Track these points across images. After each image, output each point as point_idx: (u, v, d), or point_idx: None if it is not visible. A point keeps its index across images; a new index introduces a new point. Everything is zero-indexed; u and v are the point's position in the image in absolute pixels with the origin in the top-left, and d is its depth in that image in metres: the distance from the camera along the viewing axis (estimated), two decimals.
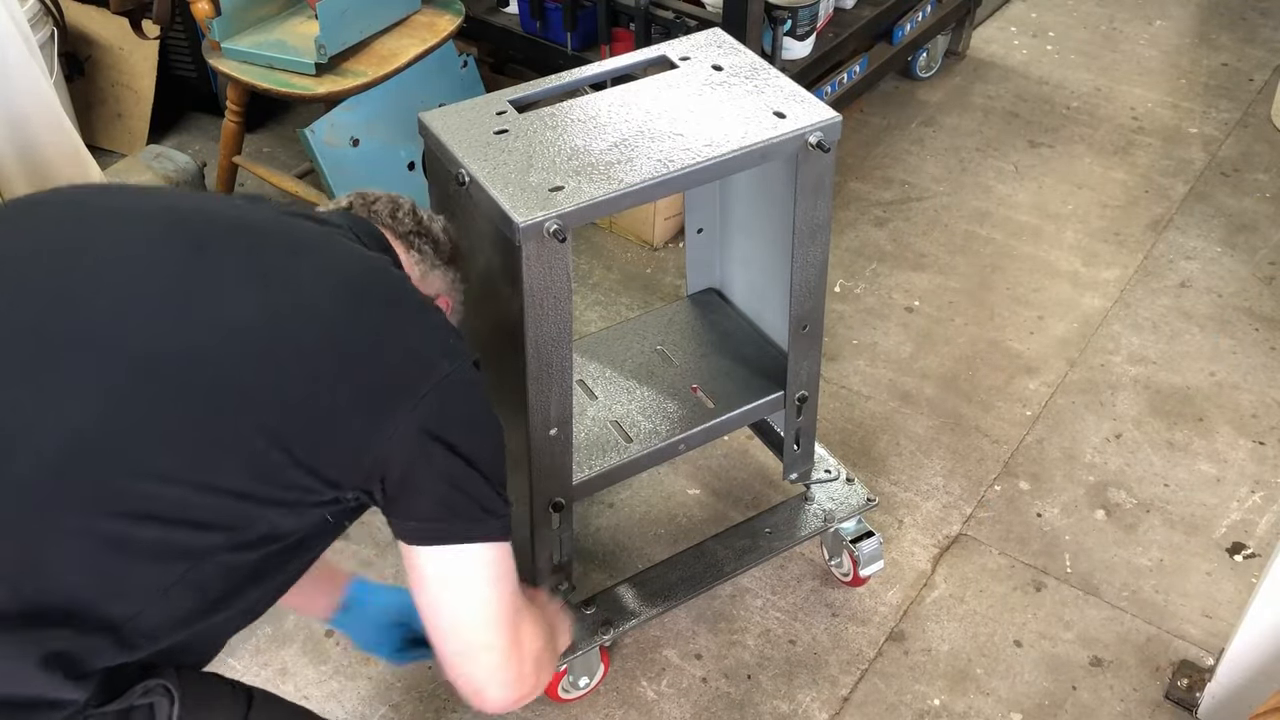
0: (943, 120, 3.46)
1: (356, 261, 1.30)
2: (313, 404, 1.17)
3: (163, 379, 1.12)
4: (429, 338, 1.28)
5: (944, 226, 3.04)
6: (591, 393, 1.95)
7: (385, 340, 1.23)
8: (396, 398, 1.20)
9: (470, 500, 1.26)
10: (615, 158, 1.55)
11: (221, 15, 2.47)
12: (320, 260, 1.27)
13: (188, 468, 1.11)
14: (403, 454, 1.20)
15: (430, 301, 1.38)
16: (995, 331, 2.71)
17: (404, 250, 1.45)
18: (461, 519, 1.26)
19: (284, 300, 1.20)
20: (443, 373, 1.24)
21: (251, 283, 1.20)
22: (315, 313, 1.21)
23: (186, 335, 1.15)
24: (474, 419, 1.28)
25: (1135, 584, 2.16)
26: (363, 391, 1.19)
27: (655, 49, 1.79)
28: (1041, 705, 1.97)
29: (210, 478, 1.11)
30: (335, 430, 1.18)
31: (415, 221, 1.48)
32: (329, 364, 1.19)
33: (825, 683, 2.01)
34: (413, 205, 1.49)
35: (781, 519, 2.07)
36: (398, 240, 1.45)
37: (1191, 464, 2.39)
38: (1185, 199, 3.13)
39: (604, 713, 1.97)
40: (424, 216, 1.49)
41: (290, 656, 2.05)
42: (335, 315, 1.22)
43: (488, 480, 1.27)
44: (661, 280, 2.87)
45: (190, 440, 1.11)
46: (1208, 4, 4.06)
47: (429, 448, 1.21)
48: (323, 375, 1.18)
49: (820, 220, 1.71)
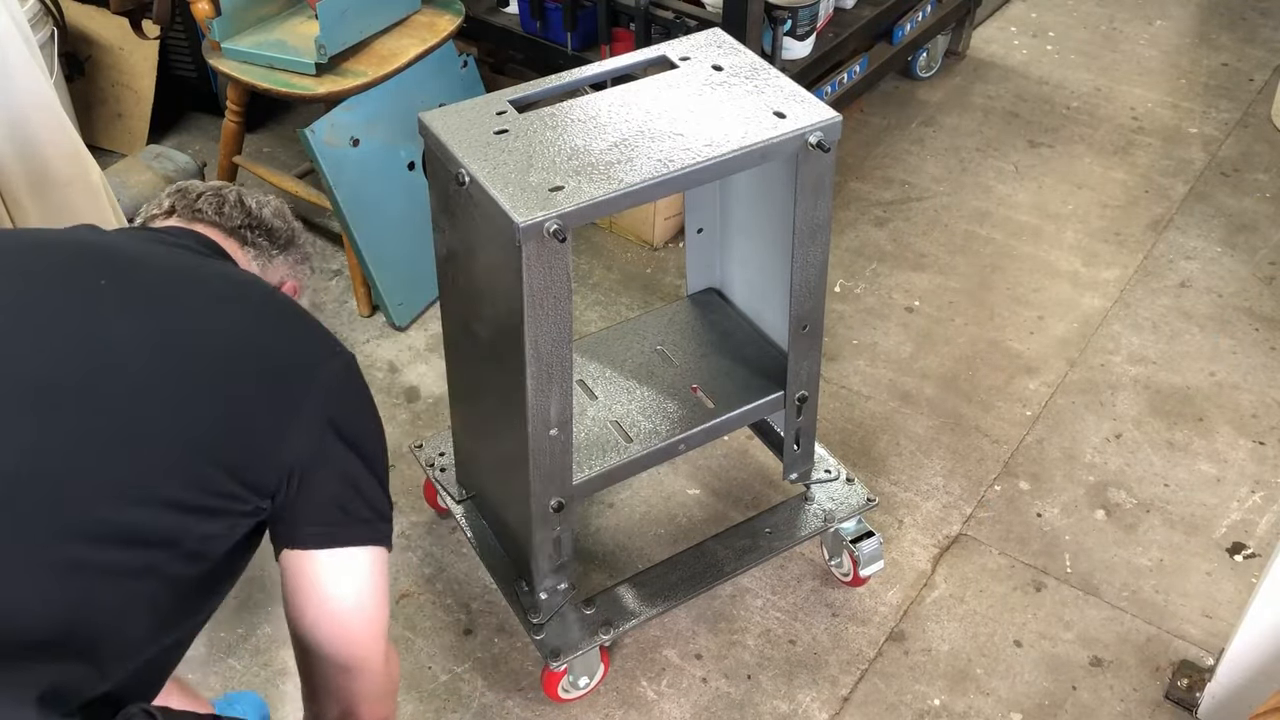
0: (943, 120, 3.46)
1: (229, 279, 1.35)
2: (225, 410, 1.20)
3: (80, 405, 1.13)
4: (313, 336, 1.32)
5: (944, 226, 3.04)
6: (591, 393, 1.95)
7: (276, 343, 1.28)
8: (297, 393, 1.24)
9: (364, 502, 1.28)
10: (615, 158, 1.55)
11: (221, 15, 2.47)
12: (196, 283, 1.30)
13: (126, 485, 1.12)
14: (306, 449, 1.23)
15: (301, 309, 1.39)
16: (995, 331, 2.71)
17: (237, 247, 1.47)
18: (356, 522, 1.28)
19: (176, 320, 1.23)
20: (333, 366, 1.29)
21: (140, 307, 1.22)
22: (208, 328, 1.24)
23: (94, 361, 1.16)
24: (365, 410, 1.33)
25: (1135, 584, 2.16)
26: (266, 392, 1.23)
27: (655, 49, 1.79)
28: (1041, 705, 1.97)
29: (147, 493, 1.12)
30: (250, 432, 1.21)
31: (244, 214, 1.48)
32: (231, 372, 1.22)
33: (825, 683, 2.01)
34: (238, 195, 1.50)
35: (781, 519, 2.07)
36: (229, 238, 1.46)
37: (1191, 464, 2.39)
38: (1185, 199, 3.13)
39: (604, 713, 1.97)
40: (252, 206, 1.50)
41: (290, 656, 2.04)
42: (227, 327, 1.26)
43: (379, 481, 1.30)
44: (661, 280, 2.87)
45: (123, 459, 1.12)
46: (1208, 4, 4.06)
47: (328, 441, 1.24)
48: (228, 383, 1.21)
49: (820, 220, 1.71)
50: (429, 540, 2.24)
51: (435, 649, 2.06)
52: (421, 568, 2.19)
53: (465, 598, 2.14)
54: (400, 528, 2.26)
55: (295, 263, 1.56)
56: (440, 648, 2.06)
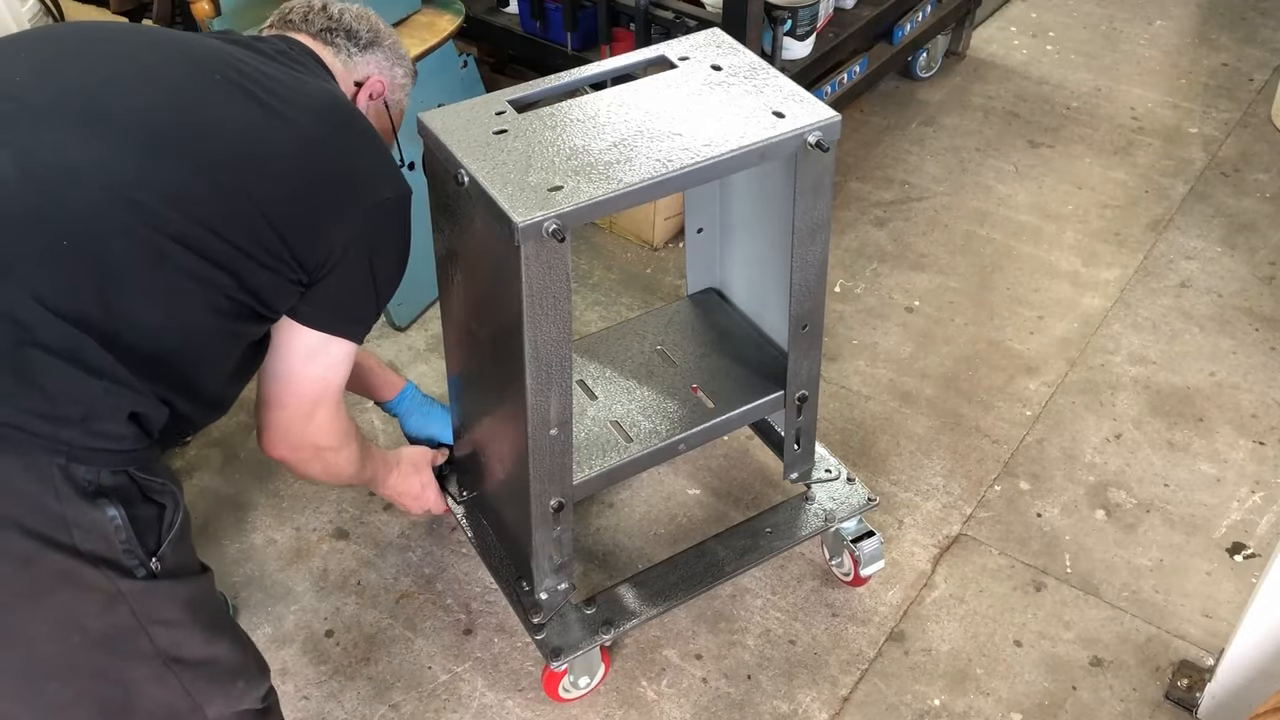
0: (943, 120, 3.46)
1: (326, 93, 1.58)
2: (288, 190, 1.44)
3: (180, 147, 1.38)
4: (377, 164, 1.57)
5: (944, 226, 3.04)
6: (591, 393, 1.94)
7: (344, 157, 1.52)
8: (347, 203, 1.50)
9: (355, 307, 1.59)
10: (614, 158, 1.55)
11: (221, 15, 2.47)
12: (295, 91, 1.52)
13: (204, 213, 1.36)
14: (338, 249, 1.49)
15: (379, 136, 1.62)
16: (995, 331, 2.71)
17: (322, 47, 1.69)
18: (340, 318, 1.57)
19: (272, 114, 1.46)
20: (383, 195, 1.55)
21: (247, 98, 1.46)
22: (295, 127, 1.48)
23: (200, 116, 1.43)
24: (393, 241, 1.60)
25: (1135, 584, 2.16)
26: (325, 190, 1.48)
27: (654, 49, 1.79)
28: (1041, 705, 1.97)
29: (218, 226, 1.37)
30: (302, 214, 1.46)
31: (326, 18, 1.70)
32: (303, 166, 1.47)
33: (825, 683, 2.01)
34: (324, 3, 1.72)
35: (782, 519, 2.07)
36: (315, 40, 1.69)
37: (1191, 464, 2.39)
38: (1185, 199, 3.13)
39: (604, 713, 1.97)
40: (334, 12, 1.72)
41: (290, 656, 2.05)
42: (309, 131, 1.49)
43: (377, 297, 1.60)
44: (661, 280, 2.87)
45: (204, 193, 1.37)
46: (1208, 4, 4.06)
47: (351, 253, 1.51)
48: (298, 173, 1.46)
49: (820, 220, 1.71)
50: (429, 540, 2.24)
51: (435, 649, 2.06)
52: (421, 568, 2.19)
53: (465, 598, 2.14)
54: (400, 528, 2.26)
55: (379, 61, 1.75)
56: (440, 648, 2.06)
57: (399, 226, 1.59)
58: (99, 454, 1.25)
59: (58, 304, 1.24)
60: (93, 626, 1.29)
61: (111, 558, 1.27)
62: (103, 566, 1.26)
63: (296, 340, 1.57)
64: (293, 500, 2.32)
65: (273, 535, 2.26)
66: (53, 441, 1.21)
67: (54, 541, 1.23)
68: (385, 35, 1.77)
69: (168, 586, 1.33)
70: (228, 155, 1.41)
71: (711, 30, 1.85)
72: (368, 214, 1.52)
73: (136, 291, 1.31)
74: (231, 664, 1.45)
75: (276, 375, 1.60)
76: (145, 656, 1.34)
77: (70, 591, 1.26)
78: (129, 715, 1.37)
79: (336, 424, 1.69)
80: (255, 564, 2.21)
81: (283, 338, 1.57)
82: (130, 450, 1.28)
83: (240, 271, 1.40)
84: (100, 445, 1.25)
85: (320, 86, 1.59)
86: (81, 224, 1.28)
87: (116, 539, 1.27)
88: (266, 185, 1.42)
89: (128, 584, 1.29)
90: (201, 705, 1.41)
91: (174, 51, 1.51)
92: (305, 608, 2.13)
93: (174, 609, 1.35)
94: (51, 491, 1.22)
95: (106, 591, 1.28)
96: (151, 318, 1.33)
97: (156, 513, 1.32)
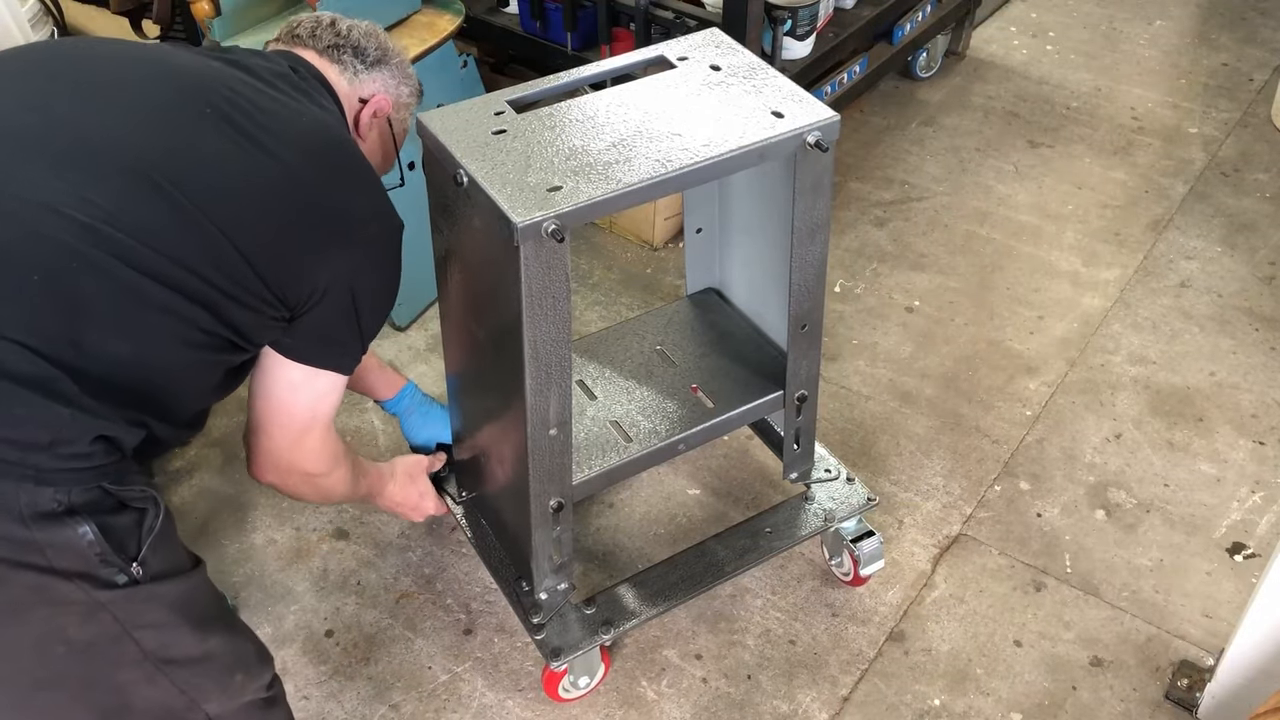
0: (943, 120, 3.46)
1: (319, 126, 1.54)
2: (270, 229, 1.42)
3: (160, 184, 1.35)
4: (365, 201, 1.54)
5: (944, 226, 3.04)
6: (591, 393, 1.94)
7: (331, 195, 1.50)
8: (331, 242, 1.48)
9: (339, 342, 1.57)
10: (613, 158, 1.55)
11: (222, 15, 2.46)
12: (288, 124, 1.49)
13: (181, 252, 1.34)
14: (321, 285, 1.48)
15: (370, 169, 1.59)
16: (995, 331, 2.71)
17: (328, 65, 1.66)
18: (324, 353, 1.56)
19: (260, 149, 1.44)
20: (370, 233, 1.53)
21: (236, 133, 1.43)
22: (282, 163, 1.45)
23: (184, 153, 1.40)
24: (382, 276, 1.58)
25: (1135, 584, 2.16)
26: (308, 229, 1.46)
27: (653, 49, 1.79)
28: (1041, 705, 1.97)
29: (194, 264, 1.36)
30: (283, 253, 1.44)
31: (334, 34, 1.68)
32: (286, 205, 1.45)
33: (825, 683, 2.01)
34: (332, 19, 1.70)
35: (782, 519, 2.07)
36: (321, 57, 1.67)
37: (1191, 464, 2.39)
38: (1185, 199, 3.13)
39: (604, 713, 1.97)
40: (342, 28, 1.69)
41: (290, 656, 2.05)
42: (297, 168, 1.46)
43: (361, 333, 1.58)
44: (661, 280, 2.87)
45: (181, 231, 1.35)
46: (1208, 4, 4.06)
47: (338, 288, 1.50)
48: (280, 212, 1.44)
49: (819, 220, 1.71)
50: (429, 540, 2.24)
51: (435, 649, 2.06)
52: (421, 568, 2.19)
53: (465, 598, 2.14)
54: (400, 528, 2.26)
55: (385, 79, 1.72)
56: (440, 648, 2.06)
57: (385, 262, 1.57)
58: (67, 474, 1.24)
59: (27, 339, 1.23)
60: (76, 637, 1.29)
61: (87, 571, 1.26)
62: (78, 580, 1.26)
63: (281, 371, 1.55)
64: (293, 500, 2.32)
65: (273, 535, 2.26)
66: (19, 467, 1.21)
67: (24, 563, 1.22)
68: (393, 54, 1.74)
69: (152, 590, 1.32)
70: (209, 194, 1.38)
71: (711, 30, 1.85)
72: (352, 252, 1.50)
73: (108, 327, 1.30)
74: (226, 659, 1.45)
75: (266, 396, 1.58)
76: (134, 661, 1.34)
77: (47, 608, 1.26)
78: (126, 718, 1.37)
79: (326, 450, 1.68)
80: (255, 564, 2.21)
81: (269, 363, 1.55)
82: (99, 466, 1.27)
83: (218, 308, 1.39)
84: (68, 466, 1.24)
85: (316, 118, 1.56)
86: (54, 260, 1.27)
87: (91, 552, 1.26)
88: (246, 225, 1.40)
89: (107, 594, 1.28)
90: (199, 702, 1.41)
91: (166, 79, 1.48)
92: (305, 608, 2.13)
93: (160, 611, 1.35)
94: (17, 518, 1.21)
95: (85, 603, 1.27)
96: (123, 351, 1.32)
97: (135, 519, 1.32)
